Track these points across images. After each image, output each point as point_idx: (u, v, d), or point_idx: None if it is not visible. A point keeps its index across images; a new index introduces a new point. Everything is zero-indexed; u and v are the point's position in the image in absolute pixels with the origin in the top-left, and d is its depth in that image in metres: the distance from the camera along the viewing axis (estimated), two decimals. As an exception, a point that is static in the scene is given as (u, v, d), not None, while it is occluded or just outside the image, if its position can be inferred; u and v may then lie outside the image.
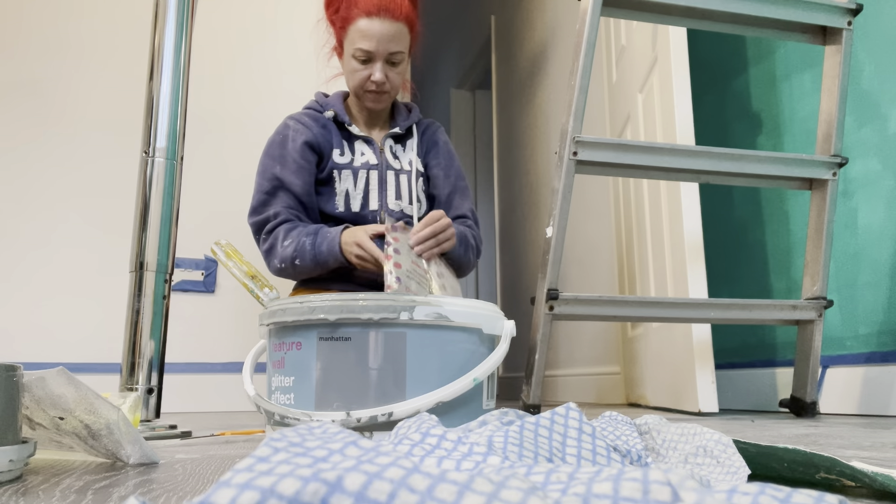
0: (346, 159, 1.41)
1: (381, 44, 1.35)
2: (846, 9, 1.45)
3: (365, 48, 1.35)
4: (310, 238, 1.30)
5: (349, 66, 1.40)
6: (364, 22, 1.34)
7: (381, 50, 1.35)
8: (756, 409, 1.77)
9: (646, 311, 1.36)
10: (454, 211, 1.46)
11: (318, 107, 1.47)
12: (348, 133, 1.43)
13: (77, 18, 2.27)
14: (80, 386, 0.60)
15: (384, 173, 1.41)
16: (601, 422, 0.59)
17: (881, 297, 1.47)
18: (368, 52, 1.35)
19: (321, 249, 1.28)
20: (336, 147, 1.41)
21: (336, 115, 1.42)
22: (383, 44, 1.35)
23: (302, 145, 1.37)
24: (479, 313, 0.84)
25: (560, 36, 2.85)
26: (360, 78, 1.38)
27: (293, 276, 1.36)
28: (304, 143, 1.38)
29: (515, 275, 3.42)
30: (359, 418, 0.76)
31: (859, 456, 0.68)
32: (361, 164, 1.40)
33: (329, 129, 1.43)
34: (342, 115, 1.43)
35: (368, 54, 1.36)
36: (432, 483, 0.26)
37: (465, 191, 1.49)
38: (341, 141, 1.42)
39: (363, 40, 1.35)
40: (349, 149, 1.42)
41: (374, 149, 1.43)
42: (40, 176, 2.16)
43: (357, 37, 1.35)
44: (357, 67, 1.38)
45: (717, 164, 1.39)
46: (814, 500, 0.29)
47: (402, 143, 1.48)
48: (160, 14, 1.18)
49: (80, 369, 1.99)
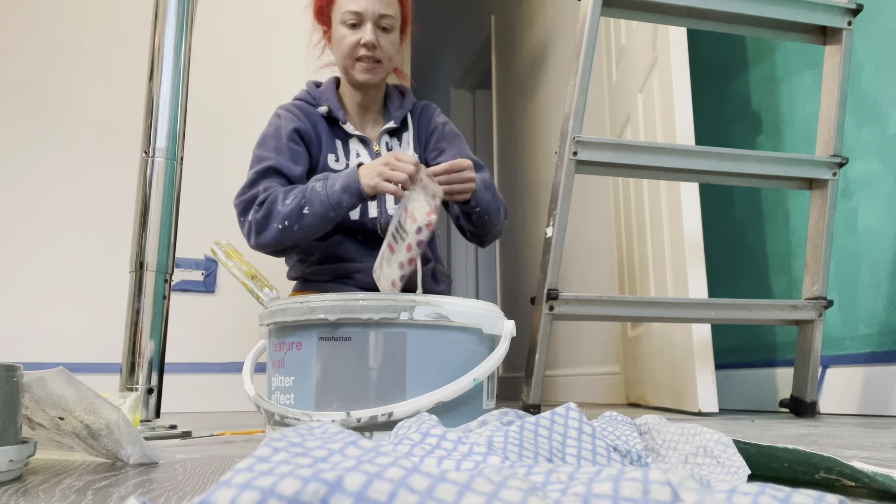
0: (342, 165, 1.36)
1: (370, 3, 1.31)
2: (846, 9, 1.45)
3: (354, 9, 1.31)
4: (319, 182, 1.22)
5: (338, 35, 1.35)
6: None
7: (371, 10, 1.32)
8: (756, 409, 1.77)
9: (646, 311, 1.36)
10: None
11: (310, 99, 1.40)
12: (342, 132, 1.39)
13: (80, 21, 2.27)
14: (80, 386, 0.60)
15: None
16: (601, 422, 0.59)
17: (881, 297, 1.47)
18: (357, 13, 1.31)
19: (334, 189, 1.19)
20: (329, 151, 1.36)
21: (330, 111, 1.37)
22: (372, 4, 1.31)
23: (292, 132, 1.33)
24: (479, 313, 0.84)
25: (560, 36, 2.85)
26: (350, 43, 1.34)
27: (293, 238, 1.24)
28: (294, 129, 1.33)
29: (515, 275, 3.42)
30: (359, 418, 0.76)
31: (859, 456, 0.68)
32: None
33: (320, 127, 1.37)
34: (336, 111, 1.37)
35: (358, 16, 1.32)
36: (432, 483, 0.26)
37: (481, 166, 1.41)
38: (334, 142, 1.37)
39: (351, 2, 1.32)
40: (343, 151, 1.37)
41: (369, 149, 1.39)
42: (41, 177, 2.16)
43: (345, 1, 1.32)
44: (346, 33, 1.33)
45: (717, 164, 1.39)
46: (814, 500, 0.29)
47: (398, 137, 1.43)
48: (160, 14, 1.18)
49: (80, 369, 1.99)
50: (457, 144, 1.44)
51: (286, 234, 1.23)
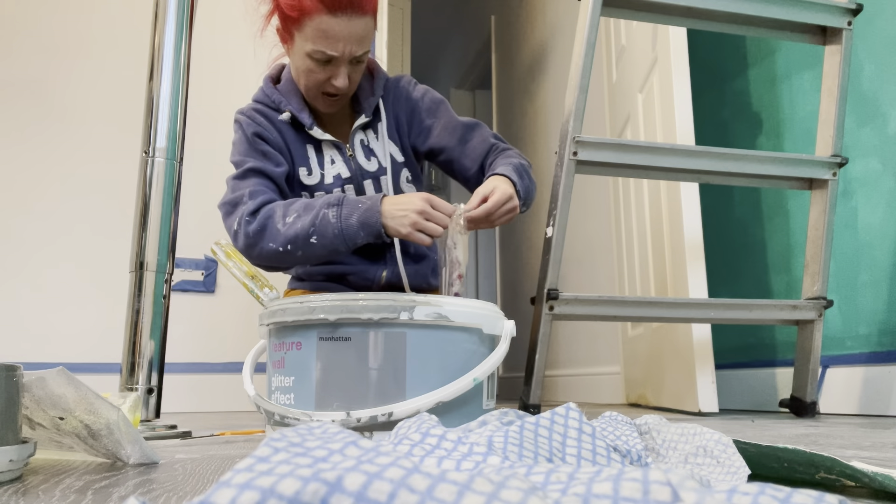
0: (315, 178, 1.21)
1: (347, 45, 1.09)
2: (846, 9, 1.45)
3: (328, 52, 1.09)
4: (333, 210, 1.06)
5: (302, 63, 1.14)
6: (327, 20, 1.07)
7: (347, 52, 1.10)
8: (756, 409, 1.77)
9: (646, 311, 1.36)
10: (477, 149, 1.24)
11: (269, 102, 1.21)
12: (311, 137, 1.21)
13: (80, 18, 2.27)
14: (80, 386, 0.60)
15: (360, 184, 1.21)
16: (601, 422, 0.59)
17: (881, 297, 1.47)
18: (332, 56, 1.10)
19: (349, 222, 1.05)
20: (300, 163, 1.21)
21: (294, 117, 1.19)
22: (350, 45, 1.09)
23: (253, 136, 1.17)
24: (479, 313, 0.84)
25: (560, 36, 2.85)
26: (317, 80, 1.14)
27: (294, 261, 1.11)
28: (255, 134, 1.17)
29: (515, 275, 3.42)
30: (359, 418, 0.76)
31: (859, 456, 0.68)
32: (333, 180, 1.20)
33: (286, 135, 1.20)
34: (300, 114, 1.19)
35: (331, 58, 1.10)
36: (432, 483, 0.26)
37: (476, 125, 1.26)
38: (305, 151, 1.21)
39: (324, 41, 1.09)
40: (317, 161, 1.21)
41: (343, 155, 1.21)
42: (41, 177, 2.16)
43: (316, 35, 1.08)
44: (313, 68, 1.13)
45: (717, 164, 1.39)
46: (814, 500, 0.29)
47: (373, 130, 1.25)
48: (160, 14, 1.18)
49: (80, 369, 1.99)
50: (443, 114, 1.27)
51: (287, 257, 1.09)
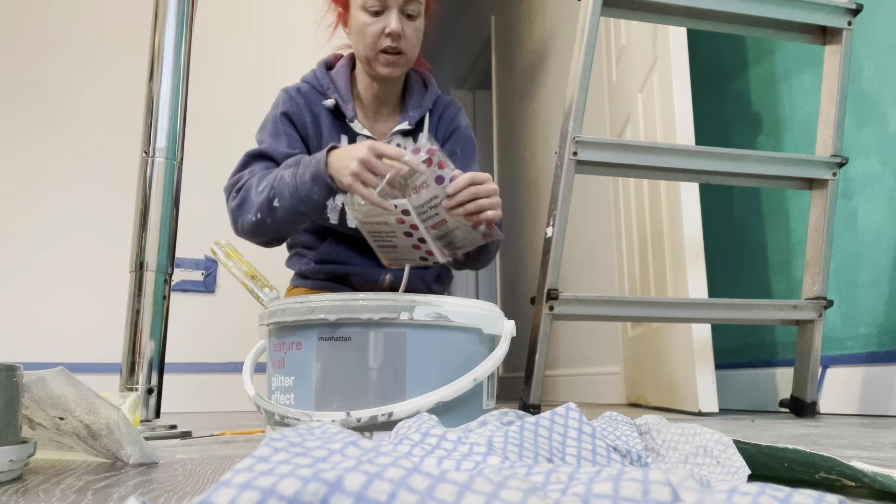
0: None
1: None
2: (846, 9, 1.45)
3: None
4: (290, 169, 1.08)
5: (358, 22, 1.20)
6: None
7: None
8: (756, 409, 1.77)
9: (646, 311, 1.36)
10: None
11: (317, 85, 1.27)
12: (347, 127, 1.26)
13: (79, 16, 2.27)
14: (80, 386, 0.60)
15: None
16: (601, 422, 0.59)
17: (881, 297, 1.47)
18: (384, 3, 1.17)
19: (304, 179, 1.05)
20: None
21: (337, 105, 1.25)
22: None
23: (282, 116, 1.23)
24: (479, 313, 0.84)
25: (560, 36, 2.85)
26: (373, 33, 1.19)
27: (269, 231, 1.13)
28: (283, 114, 1.23)
29: (515, 275, 3.42)
30: (359, 418, 0.76)
31: (859, 456, 0.68)
32: None
33: (323, 120, 1.25)
34: (345, 105, 1.24)
35: (382, 2, 1.18)
36: (432, 483, 0.26)
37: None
38: (339, 140, 1.25)
39: None
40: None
41: None
42: (41, 177, 2.16)
43: None
44: (368, 21, 1.19)
45: (717, 164, 1.39)
46: (814, 500, 0.29)
47: (413, 139, 1.29)
48: (160, 14, 1.18)
49: (80, 369, 1.99)
50: (468, 155, 1.32)
51: (262, 227, 1.12)
